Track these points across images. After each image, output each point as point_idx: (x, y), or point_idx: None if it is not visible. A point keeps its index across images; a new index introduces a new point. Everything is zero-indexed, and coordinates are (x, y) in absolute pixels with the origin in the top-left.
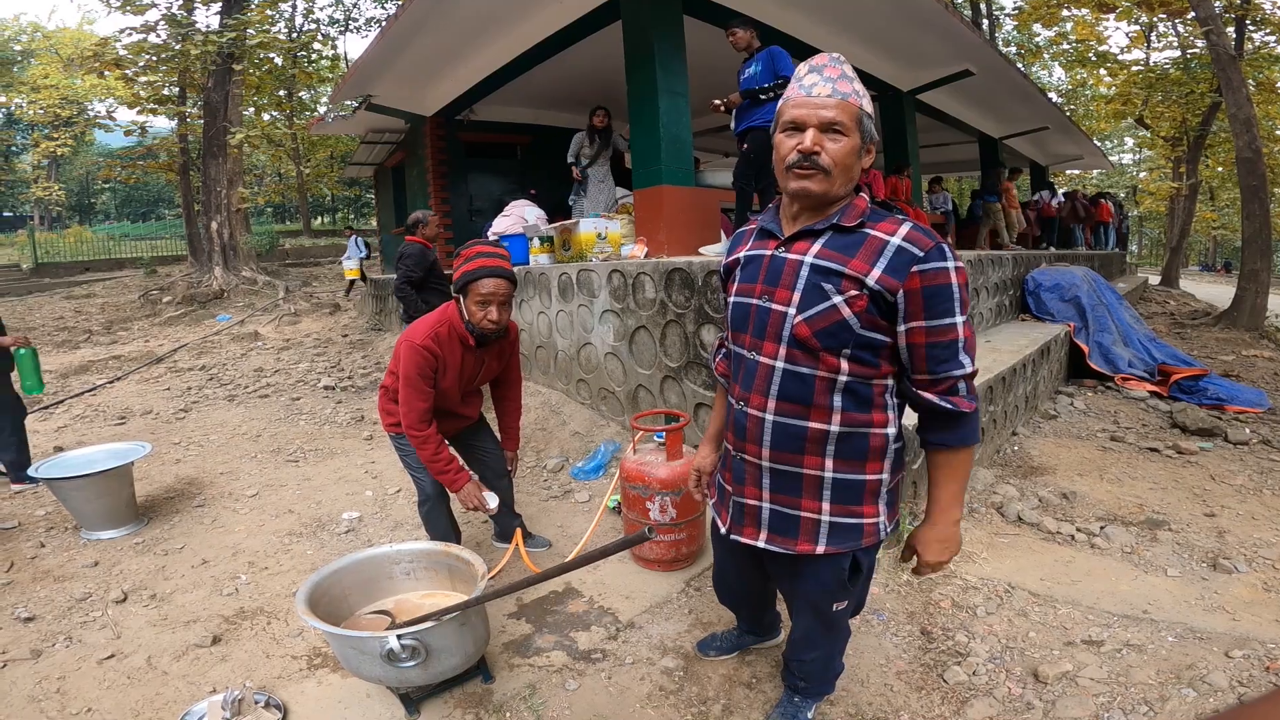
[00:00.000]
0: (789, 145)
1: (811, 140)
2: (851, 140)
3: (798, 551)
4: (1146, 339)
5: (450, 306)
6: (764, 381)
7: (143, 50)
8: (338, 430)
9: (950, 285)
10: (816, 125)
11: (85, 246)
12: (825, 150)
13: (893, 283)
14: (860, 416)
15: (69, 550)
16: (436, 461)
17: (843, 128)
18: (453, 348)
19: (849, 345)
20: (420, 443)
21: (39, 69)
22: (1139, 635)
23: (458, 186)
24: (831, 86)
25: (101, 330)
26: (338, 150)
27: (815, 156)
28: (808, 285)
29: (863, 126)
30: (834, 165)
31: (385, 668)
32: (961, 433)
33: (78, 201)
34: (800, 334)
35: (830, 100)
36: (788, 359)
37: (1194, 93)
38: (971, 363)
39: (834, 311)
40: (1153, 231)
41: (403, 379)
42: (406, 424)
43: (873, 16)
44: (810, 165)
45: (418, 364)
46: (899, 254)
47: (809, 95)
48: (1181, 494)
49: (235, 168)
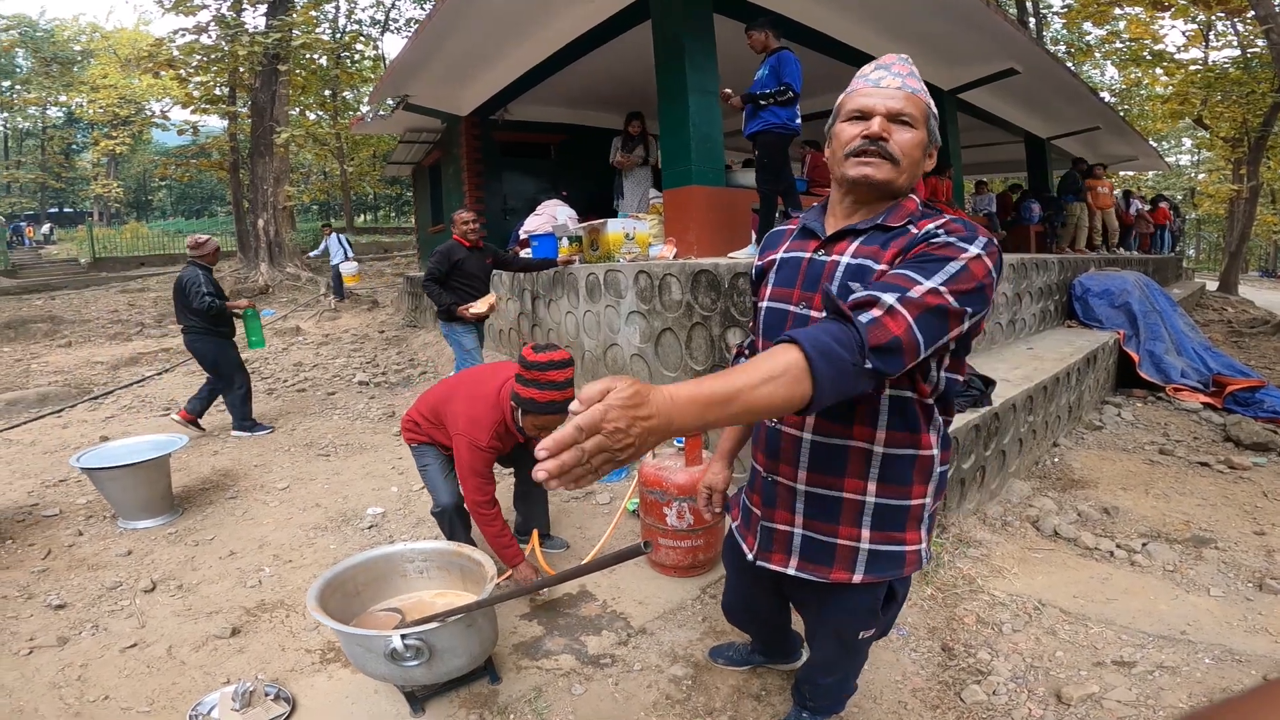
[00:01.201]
0: (852, 132)
1: (880, 125)
2: (919, 133)
3: (832, 580)
4: (1201, 348)
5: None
6: None
7: (194, 51)
8: (369, 426)
9: (957, 260)
10: (885, 113)
11: (141, 242)
12: (894, 138)
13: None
14: (906, 436)
15: (105, 539)
16: (501, 538)
17: (911, 119)
18: (509, 441)
19: None
20: (486, 521)
21: (98, 69)
22: (1174, 657)
23: (492, 185)
24: (901, 80)
25: (153, 323)
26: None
27: (883, 142)
28: (840, 287)
29: (930, 125)
30: (902, 155)
31: (390, 666)
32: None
33: (135, 198)
34: None
35: (899, 91)
36: None
37: (1255, 92)
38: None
39: None
40: (1211, 235)
41: (467, 470)
42: (473, 504)
43: (911, 13)
44: (876, 151)
45: (483, 460)
46: (925, 235)
47: (877, 86)
48: (1231, 511)
49: (282, 166)
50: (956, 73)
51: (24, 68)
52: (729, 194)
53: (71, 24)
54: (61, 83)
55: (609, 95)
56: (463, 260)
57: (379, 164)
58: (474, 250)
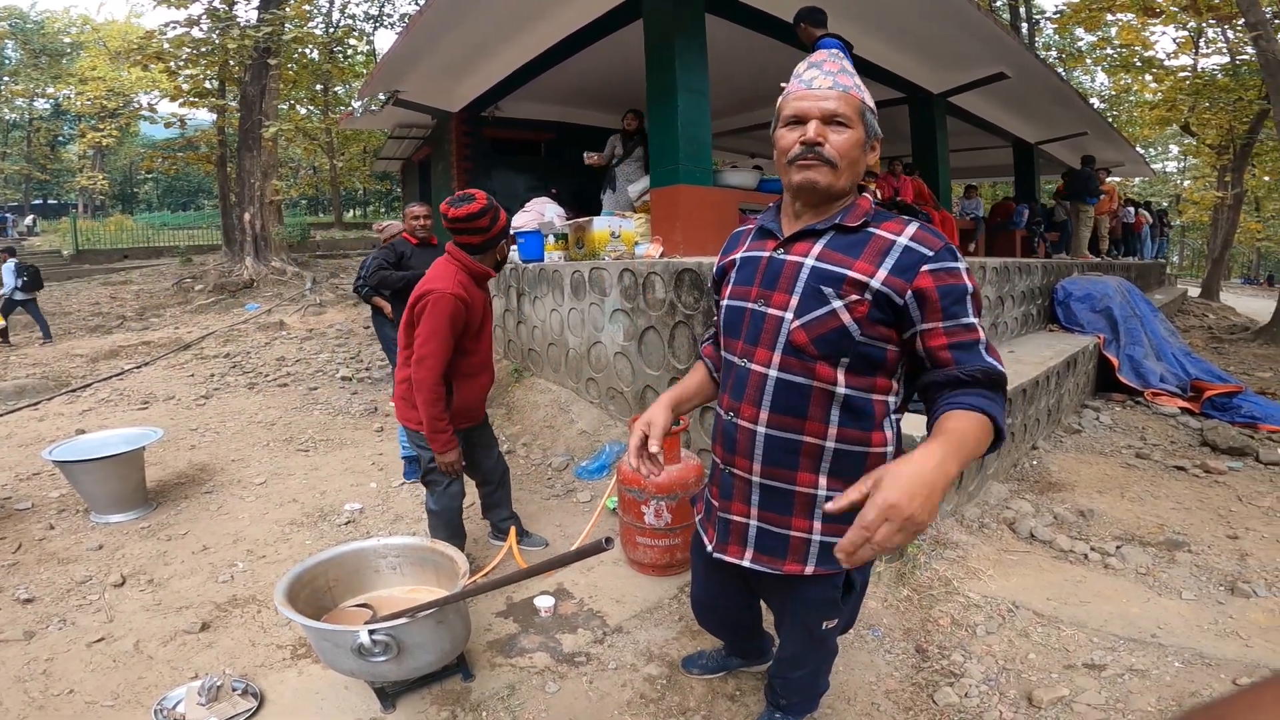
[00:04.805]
0: (790, 139)
1: (815, 131)
2: (855, 133)
3: (785, 572)
4: (1181, 353)
5: (450, 261)
6: (756, 391)
7: (184, 44)
8: (350, 421)
9: (964, 286)
10: (819, 117)
11: (125, 235)
12: (829, 141)
13: (900, 283)
14: (858, 434)
15: (76, 533)
16: (442, 419)
17: (846, 119)
18: (472, 290)
19: (848, 354)
20: (434, 400)
21: (87, 61)
22: (1144, 660)
23: (482, 182)
24: (832, 79)
25: (135, 316)
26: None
27: (819, 147)
28: (807, 289)
29: (866, 120)
30: (839, 157)
31: (358, 661)
32: (995, 403)
33: (121, 191)
34: (797, 340)
35: (831, 92)
36: (782, 367)
37: (1242, 100)
38: (999, 364)
39: (833, 317)
40: (1194, 242)
41: (430, 332)
42: (428, 379)
43: (901, 15)
44: (814, 156)
45: (450, 312)
46: (906, 253)
47: (809, 88)
48: (1205, 515)
49: (270, 160)
50: (946, 76)
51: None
52: (717, 194)
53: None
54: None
55: (601, 93)
56: (409, 257)
57: (369, 159)
58: (423, 247)
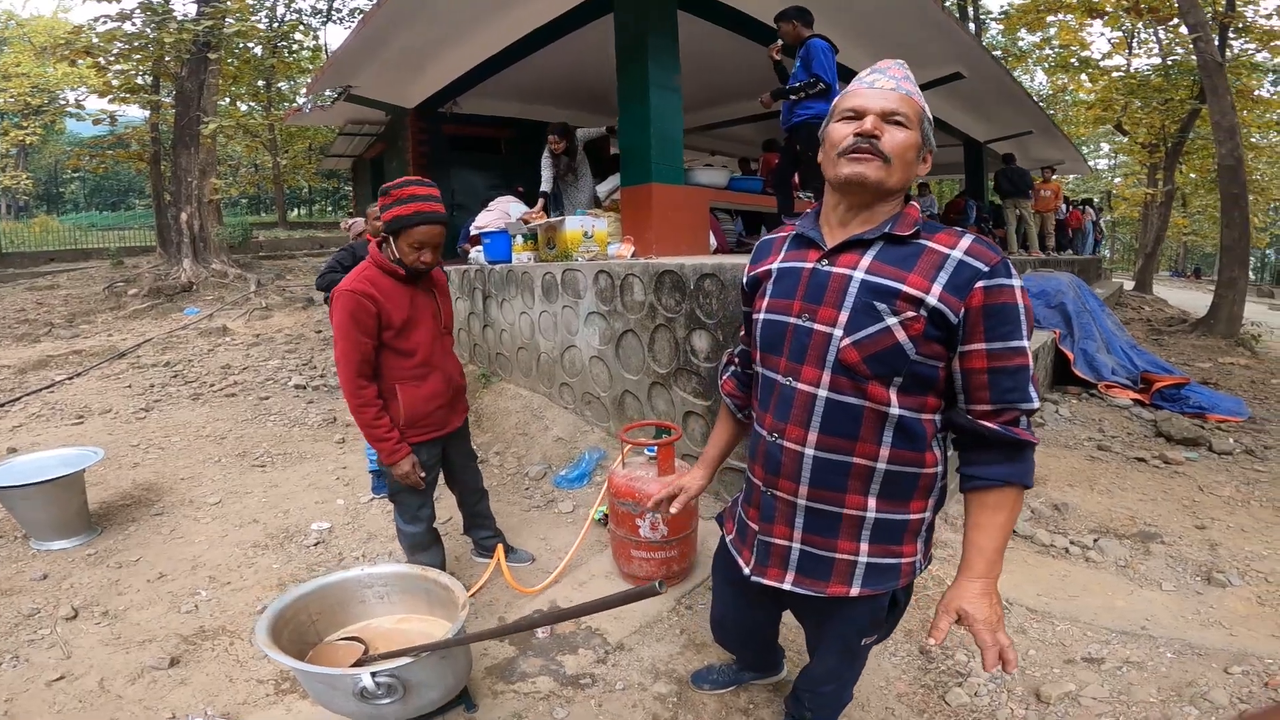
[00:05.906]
0: (844, 131)
1: (872, 123)
2: (913, 134)
3: (829, 595)
4: (1128, 346)
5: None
6: (804, 412)
7: (116, 38)
8: (308, 432)
9: (1017, 306)
10: (878, 112)
11: (51, 236)
12: (886, 136)
13: (955, 301)
14: (911, 454)
15: (17, 561)
16: (376, 428)
17: (905, 120)
18: (385, 284)
19: (901, 374)
20: (360, 406)
21: (10, 57)
22: (1138, 652)
23: (440, 180)
24: (895, 82)
25: (63, 323)
26: (316, 141)
27: (875, 139)
28: (857, 304)
29: (923, 128)
30: (894, 154)
31: (359, 704)
32: (1023, 467)
33: (45, 190)
34: (848, 359)
35: (893, 93)
36: (832, 387)
37: (1173, 99)
38: (1038, 398)
39: (887, 335)
40: (1124, 237)
41: (337, 333)
42: (345, 384)
43: (870, 12)
44: (869, 148)
45: (350, 309)
46: (961, 268)
47: (871, 88)
48: (1171, 505)
49: (208, 158)
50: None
51: None
52: (689, 193)
53: None
54: None
55: (565, 89)
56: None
57: (315, 157)
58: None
